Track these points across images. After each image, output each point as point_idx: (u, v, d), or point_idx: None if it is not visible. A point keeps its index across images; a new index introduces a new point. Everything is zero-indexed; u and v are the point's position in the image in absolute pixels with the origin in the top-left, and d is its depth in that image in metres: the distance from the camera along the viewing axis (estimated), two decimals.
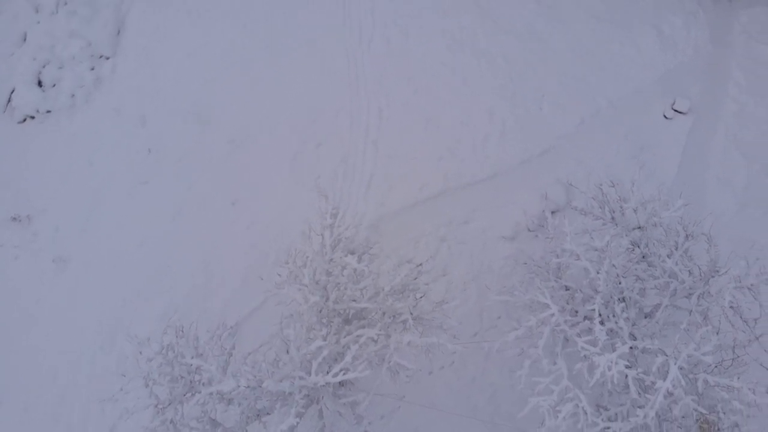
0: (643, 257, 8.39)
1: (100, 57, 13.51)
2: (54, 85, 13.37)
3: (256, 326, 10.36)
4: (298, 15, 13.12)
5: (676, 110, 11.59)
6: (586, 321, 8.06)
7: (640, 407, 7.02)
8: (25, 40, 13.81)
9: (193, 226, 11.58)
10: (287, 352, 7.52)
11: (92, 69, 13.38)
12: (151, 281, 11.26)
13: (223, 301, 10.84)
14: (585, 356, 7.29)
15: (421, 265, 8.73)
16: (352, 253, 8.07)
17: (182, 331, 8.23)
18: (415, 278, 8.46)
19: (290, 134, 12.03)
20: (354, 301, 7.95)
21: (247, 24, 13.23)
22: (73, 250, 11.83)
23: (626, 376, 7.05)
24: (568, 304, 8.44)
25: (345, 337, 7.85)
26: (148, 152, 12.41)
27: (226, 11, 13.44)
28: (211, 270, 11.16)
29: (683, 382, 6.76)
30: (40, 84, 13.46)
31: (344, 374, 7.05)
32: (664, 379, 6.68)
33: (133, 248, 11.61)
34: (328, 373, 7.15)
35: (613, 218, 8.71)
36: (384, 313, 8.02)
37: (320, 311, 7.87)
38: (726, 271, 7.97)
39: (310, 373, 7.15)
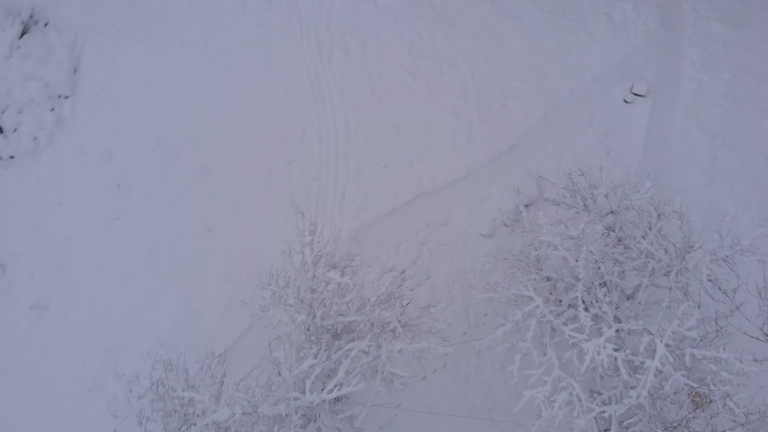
0: (619, 240, 8.52)
1: (59, 97, 13.35)
2: (15, 130, 13.17)
3: (245, 351, 10.29)
4: (255, 35, 13.11)
5: (635, 94, 11.81)
6: (571, 309, 8.14)
7: (632, 388, 7.12)
8: None
9: (171, 256, 11.46)
10: (279, 374, 7.48)
11: (52, 110, 13.21)
12: (134, 317, 11.11)
13: (208, 329, 10.73)
14: (573, 344, 7.39)
15: (404, 272, 8.80)
16: (334, 267, 8.05)
17: (170, 365, 8.12)
18: (400, 286, 8.49)
19: (260, 155, 12.00)
20: (341, 315, 7.95)
21: (204, 49, 13.18)
22: (51, 295, 11.62)
23: (615, 359, 7.15)
24: (551, 294, 8.53)
25: (336, 352, 7.83)
26: (118, 187, 12.27)
27: (182, 39, 13.37)
28: (194, 299, 11.05)
29: (671, 359, 6.89)
30: (1, 130, 13.24)
31: (339, 389, 7.02)
32: (653, 358, 6.79)
33: (113, 286, 11.45)
34: (322, 390, 7.12)
35: (585, 206, 8.83)
36: (372, 324, 8.03)
37: (308, 329, 7.85)
38: (700, 246, 8.11)
39: (304, 393, 7.13)
